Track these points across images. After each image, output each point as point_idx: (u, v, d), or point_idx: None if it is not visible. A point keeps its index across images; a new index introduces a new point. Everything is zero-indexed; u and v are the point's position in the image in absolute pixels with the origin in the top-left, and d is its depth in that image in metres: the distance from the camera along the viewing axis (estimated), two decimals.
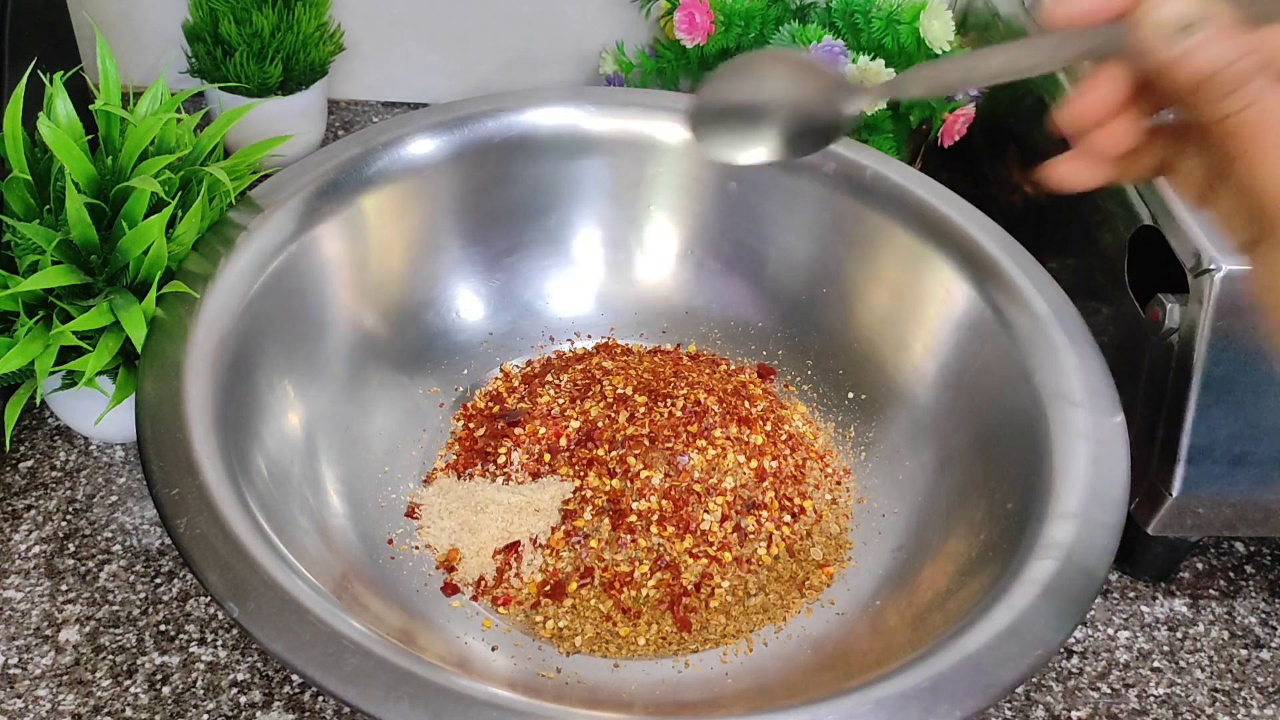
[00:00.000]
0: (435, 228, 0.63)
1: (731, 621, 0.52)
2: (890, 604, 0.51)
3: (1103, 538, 0.45)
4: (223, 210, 0.55)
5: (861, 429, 0.61)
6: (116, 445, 0.59)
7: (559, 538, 0.54)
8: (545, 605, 0.52)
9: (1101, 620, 0.56)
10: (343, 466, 0.55)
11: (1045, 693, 0.53)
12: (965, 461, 0.55)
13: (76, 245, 0.49)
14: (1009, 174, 0.73)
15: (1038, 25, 0.69)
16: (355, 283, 0.59)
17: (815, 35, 0.67)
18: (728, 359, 0.66)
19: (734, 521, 0.55)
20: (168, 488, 0.42)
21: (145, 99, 0.55)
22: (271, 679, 0.50)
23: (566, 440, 0.57)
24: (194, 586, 0.53)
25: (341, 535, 0.52)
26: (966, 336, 0.57)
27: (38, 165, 0.51)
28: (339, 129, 0.82)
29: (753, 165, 0.41)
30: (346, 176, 0.58)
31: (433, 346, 0.63)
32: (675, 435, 0.57)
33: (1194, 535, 0.55)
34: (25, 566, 0.53)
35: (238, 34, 0.68)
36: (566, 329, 0.66)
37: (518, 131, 0.63)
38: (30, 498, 0.56)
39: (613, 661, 0.50)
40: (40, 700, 0.48)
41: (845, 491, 0.59)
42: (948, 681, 0.39)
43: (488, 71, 0.83)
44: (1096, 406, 0.50)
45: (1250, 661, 0.55)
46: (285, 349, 0.54)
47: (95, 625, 0.51)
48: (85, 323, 0.48)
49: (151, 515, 0.56)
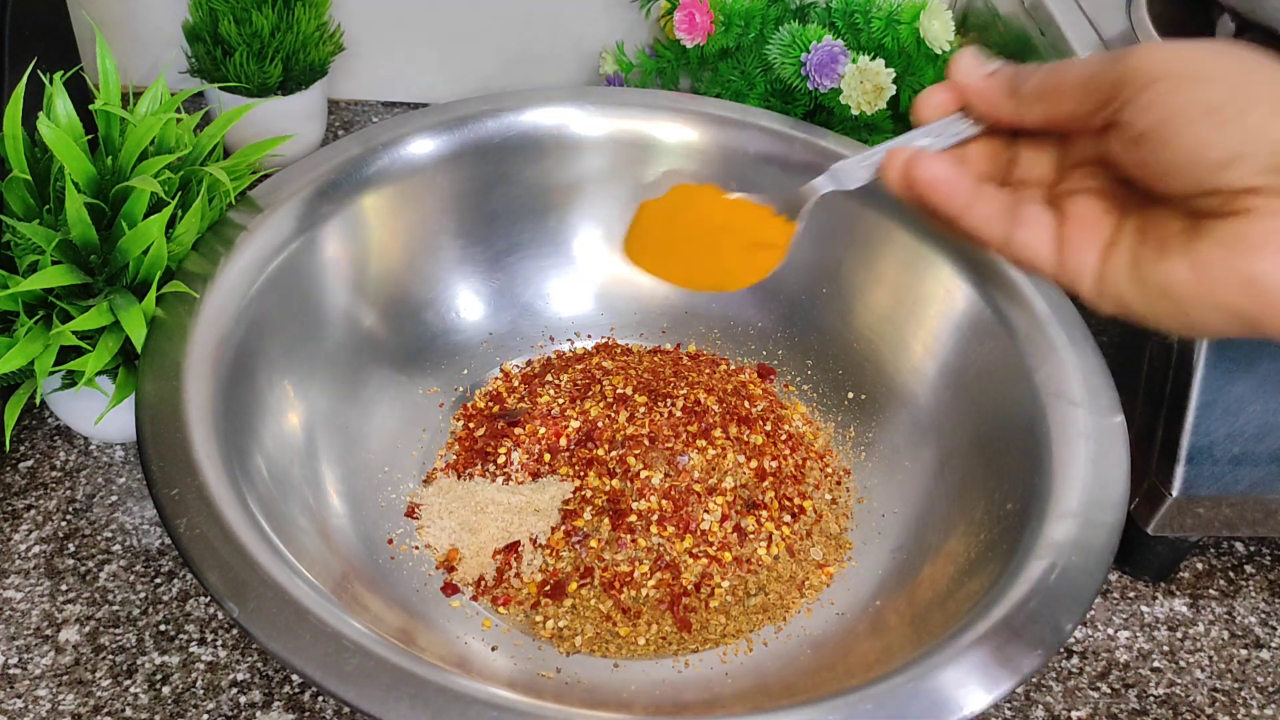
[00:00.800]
0: (435, 228, 0.63)
1: (731, 621, 0.52)
2: (890, 604, 0.51)
3: (1103, 538, 0.45)
4: (223, 210, 0.55)
5: (861, 429, 0.61)
6: (116, 445, 0.59)
7: (559, 538, 0.54)
8: (545, 605, 0.52)
9: (1101, 620, 0.56)
10: (343, 466, 0.55)
11: (1045, 693, 0.53)
12: (965, 461, 0.55)
13: (76, 245, 0.49)
14: None
15: (1037, 25, 0.69)
16: (355, 283, 0.59)
17: (815, 35, 0.67)
18: (728, 359, 0.66)
19: (734, 521, 0.55)
20: (168, 488, 0.42)
21: (145, 99, 0.55)
22: (271, 679, 0.50)
23: (566, 440, 0.57)
24: (194, 586, 0.53)
25: (341, 535, 0.52)
26: (966, 336, 0.57)
27: (38, 165, 0.51)
28: (339, 129, 0.82)
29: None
30: (346, 176, 0.58)
31: (433, 346, 0.63)
32: (675, 435, 0.57)
33: (1194, 535, 0.55)
34: (25, 566, 0.53)
35: (238, 34, 0.68)
36: (566, 329, 0.66)
37: (518, 131, 0.63)
38: (30, 498, 0.56)
39: (613, 661, 0.50)
40: (40, 700, 0.48)
41: (845, 491, 0.59)
42: (948, 682, 0.39)
43: (488, 71, 0.83)
44: (1096, 406, 0.50)
45: (1250, 661, 0.55)
46: (285, 349, 0.54)
47: (95, 625, 0.51)
48: (85, 323, 0.48)
49: (151, 515, 0.56)
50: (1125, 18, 0.66)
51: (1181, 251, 0.32)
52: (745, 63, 0.71)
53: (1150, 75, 0.32)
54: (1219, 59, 0.32)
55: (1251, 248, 0.31)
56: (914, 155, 0.38)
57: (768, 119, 0.64)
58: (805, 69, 0.66)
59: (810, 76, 0.66)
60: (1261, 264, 0.30)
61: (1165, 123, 0.32)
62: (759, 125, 0.64)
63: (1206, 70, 0.31)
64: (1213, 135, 0.31)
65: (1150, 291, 0.34)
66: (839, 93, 0.66)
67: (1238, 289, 0.31)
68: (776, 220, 0.45)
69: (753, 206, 0.45)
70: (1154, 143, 0.32)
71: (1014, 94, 0.37)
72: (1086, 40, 0.64)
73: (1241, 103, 0.30)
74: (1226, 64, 0.32)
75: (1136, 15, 0.66)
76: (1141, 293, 0.34)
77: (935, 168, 0.37)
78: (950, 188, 0.37)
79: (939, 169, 0.37)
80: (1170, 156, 0.32)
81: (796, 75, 0.67)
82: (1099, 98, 0.34)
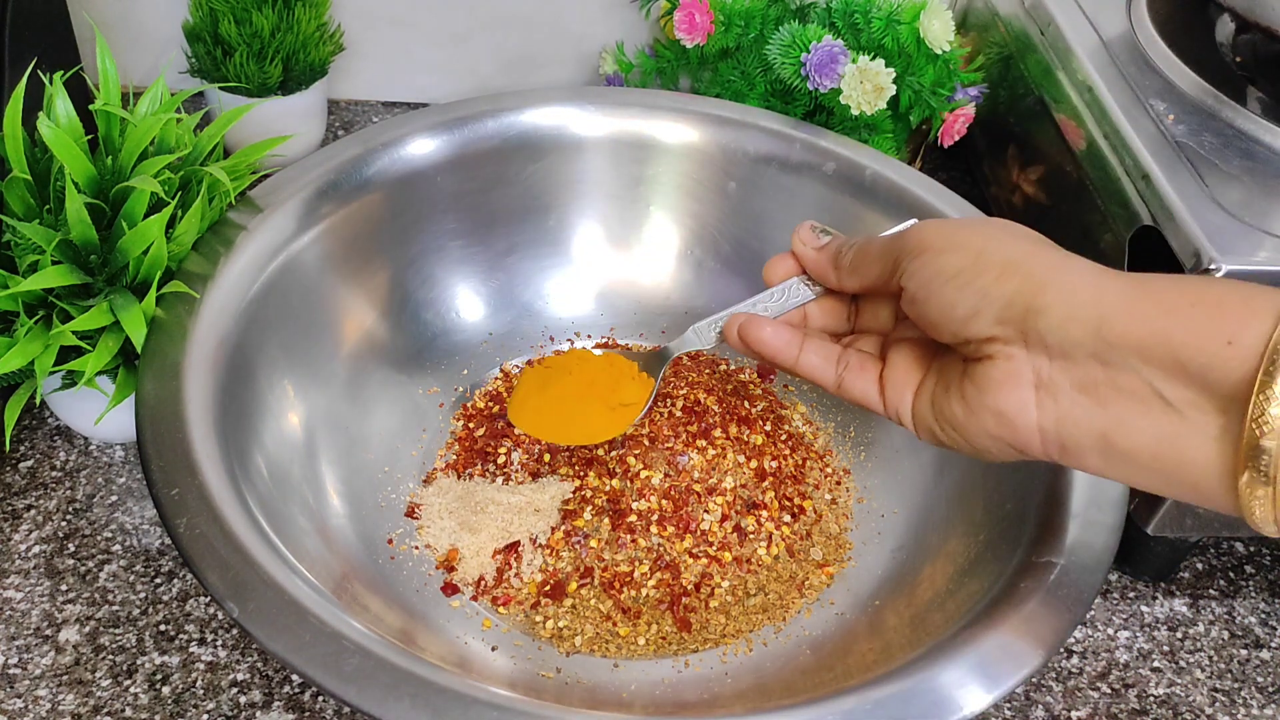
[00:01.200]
0: (435, 228, 0.63)
1: (731, 621, 0.52)
2: (890, 604, 0.51)
3: (1102, 538, 0.45)
4: (223, 210, 0.55)
5: (861, 429, 0.61)
6: (116, 445, 0.59)
7: (559, 538, 0.54)
8: (545, 605, 0.52)
9: (1101, 620, 0.56)
10: (343, 466, 0.55)
11: (1045, 693, 0.53)
12: (964, 462, 0.54)
13: (76, 245, 0.49)
14: (1009, 174, 0.73)
15: (1037, 25, 0.69)
16: (355, 282, 0.59)
17: (815, 35, 0.67)
18: (728, 359, 0.66)
19: (734, 521, 0.55)
20: (168, 488, 0.42)
21: (145, 99, 0.55)
22: (271, 679, 0.50)
23: None
24: (194, 586, 0.53)
25: (341, 535, 0.52)
26: None
27: (38, 165, 0.51)
28: (339, 129, 0.82)
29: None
30: (346, 176, 0.58)
31: (433, 346, 0.63)
32: (675, 435, 0.57)
33: (1194, 535, 0.55)
34: (25, 566, 0.53)
35: (238, 34, 0.68)
36: (566, 329, 0.66)
37: (518, 131, 0.63)
38: (30, 498, 0.56)
39: (613, 661, 0.50)
40: (40, 700, 0.48)
41: (845, 491, 0.59)
42: (948, 682, 0.39)
43: (488, 71, 0.83)
44: None
45: (1250, 661, 0.55)
46: (285, 349, 0.54)
47: (95, 625, 0.51)
48: (85, 323, 0.48)
49: (151, 515, 0.56)
50: (1125, 18, 0.66)
51: (958, 391, 0.38)
52: (745, 63, 0.71)
53: (918, 248, 0.39)
54: (971, 233, 0.38)
55: (996, 385, 0.36)
56: (747, 321, 0.45)
57: (768, 119, 0.64)
58: (805, 69, 0.66)
59: (810, 76, 0.66)
60: (1004, 400, 0.36)
61: (924, 286, 0.38)
62: (759, 125, 0.64)
63: (956, 242, 0.38)
64: (955, 296, 0.37)
65: (944, 425, 0.39)
66: (839, 93, 0.66)
67: (992, 420, 0.37)
68: (638, 379, 0.51)
69: (620, 364, 0.52)
70: (920, 303, 0.39)
71: (836, 266, 0.44)
72: (1087, 40, 0.64)
73: (978, 268, 0.36)
74: (973, 236, 0.38)
75: (1136, 15, 0.66)
76: (940, 427, 0.40)
77: (764, 331, 0.45)
78: (776, 346, 0.44)
79: (767, 332, 0.45)
80: (932, 313, 0.38)
81: (796, 75, 0.67)
82: (890, 268, 0.40)
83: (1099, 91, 0.60)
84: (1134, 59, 0.63)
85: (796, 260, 0.46)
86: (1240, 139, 0.57)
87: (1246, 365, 0.31)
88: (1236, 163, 0.55)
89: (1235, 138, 0.57)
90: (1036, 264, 0.36)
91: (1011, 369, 0.36)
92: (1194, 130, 0.57)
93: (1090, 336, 0.34)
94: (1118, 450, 0.34)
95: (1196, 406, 0.32)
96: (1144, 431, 0.34)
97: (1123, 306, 0.34)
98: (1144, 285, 0.34)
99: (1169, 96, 0.60)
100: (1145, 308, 0.33)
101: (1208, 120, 0.58)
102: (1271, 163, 0.55)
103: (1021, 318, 0.35)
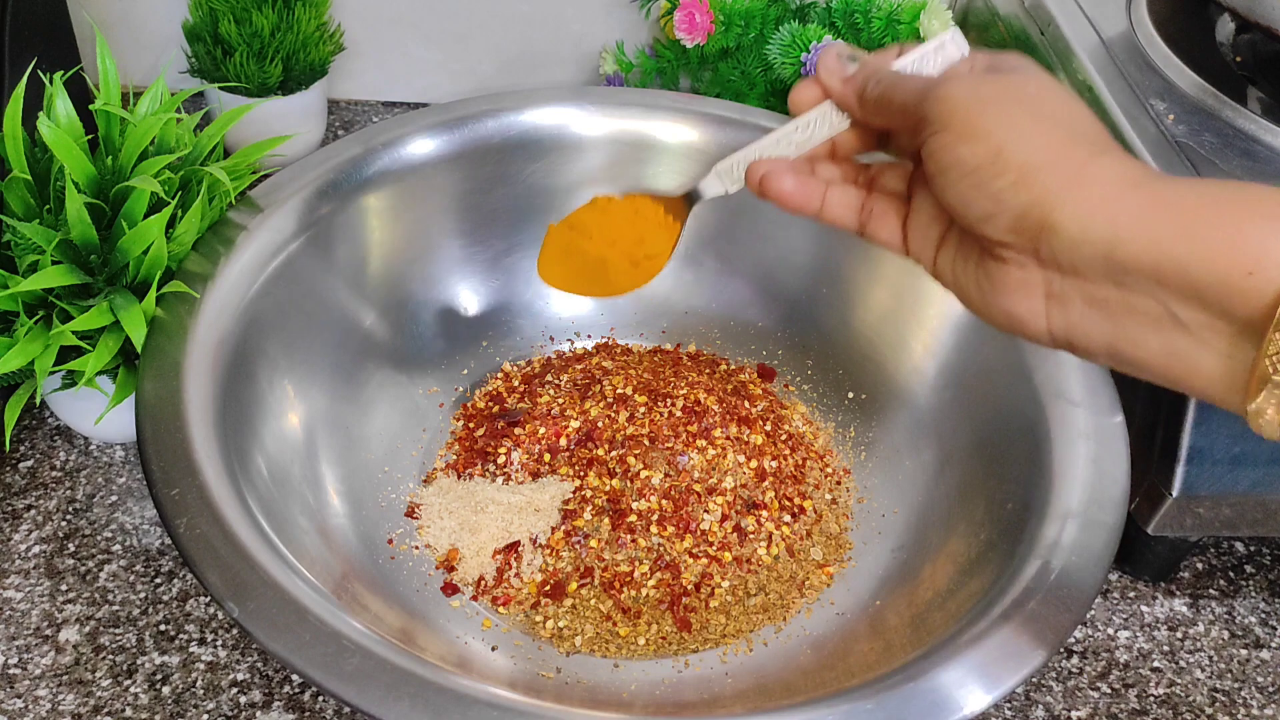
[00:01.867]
0: (435, 228, 0.63)
1: (731, 621, 0.52)
2: (890, 604, 0.51)
3: (1103, 538, 0.45)
4: (223, 210, 0.55)
5: (861, 429, 0.61)
6: (116, 445, 0.59)
7: (559, 538, 0.54)
8: (545, 605, 0.52)
9: (1101, 620, 0.56)
10: (343, 466, 0.55)
11: (1045, 693, 0.53)
12: (965, 461, 0.55)
13: (76, 245, 0.49)
14: None
15: (1037, 25, 0.69)
16: (355, 283, 0.59)
17: (815, 35, 0.67)
18: (728, 359, 0.66)
19: (734, 521, 0.55)
20: (168, 488, 0.42)
21: (145, 99, 0.55)
22: (271, 679, 0.50)
23: (566, 440, 0.57)
24: (194, 586, 0.53)
25: (341, 535, 0.52)
26: (966, 336, 0.57)
27: (38, 165, 0.51)
28: (339, 129, 0.82)
29: None
30: (346, 176, 0.58)
31: (433, 346, 0.63)
32: (675, 435, 0.57)
33: (1194, 535, 0.55)
34: (25, 566, 0.53)
35: (238, 34, 0.68)
36: (566, 329, 0.66)
37: (518, 131, 0.63)
38: (30, 498, 0.56)
39: (613, 661, 0.50)
40: (40, 700, 0.48)
41: (845, 491, 0.59)
42: (948, 682, 0.39)
43: (488, 71, 0.83)
44: (1096, 406, 0.50)
45: (1250, 661, 0.55)
46: (285, 349, 0.54)
47: (95, 625, 0.51)
48: (85, 323, 0.48)
49: (151, 515, 0.56)
50: (1125, 17, 0.66)
51: (975, 274, 0.38)
52: (745, 63, 0.71)
53: (940, 123, 0.36)
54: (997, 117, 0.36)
55: (1009, 290, 0.36)
56: (768, 172, 0.43)
57: (768, 119, 0.64)
58: (805, 69, 0.66)
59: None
60: (1015, 305, 0.36)
61: (941, 174, 0.36)
62: (759, 125, 0.64)
63: (979, 129, 0.35)
64: (969, 195, 0.36)
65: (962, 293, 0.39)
66: None
67: (1003, 318, 0.37)
68: (663, 224, 0.50)
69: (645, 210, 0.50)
70: (937, 188, 0.37)
71: (862, 102, 0.41)
72: (1087, 40, 0.64)
73: (995, 168, 0.35)
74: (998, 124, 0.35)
75: (1136, 15, 0.66)
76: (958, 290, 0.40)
77: (785, 184, 0.43)
78: (800, 200, 0.43)
79: (788, 185, 0.43)
80: (949, 200, 0.37)
81: (796, 75, 0.67)
82: (912, 124, 0.38)
83: (1099, 91, 0.60)
84: (1134, 59, 0.63)
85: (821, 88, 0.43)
86: (1240, 139, 0.57)
87: (1266, 298, 0.31)
88: (1236, 163, 0.55)
89: (1235, 138, 0.57)
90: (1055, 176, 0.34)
91: (1024, 277, 0.36)
92: (1194, 130, 0.57)
93: (1102, 259, 0.33)
94: (1125, 358, 0.35)
95: (1210, 328, 0.32)
96: (1154, 345, 0.34)
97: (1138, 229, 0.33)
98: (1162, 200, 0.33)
99: (1169, 96, 0.60)
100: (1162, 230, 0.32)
101: (1208, 120, 0.58)
102: (1271, 163, 0.55)
103: (1035, 233, 0.35)
